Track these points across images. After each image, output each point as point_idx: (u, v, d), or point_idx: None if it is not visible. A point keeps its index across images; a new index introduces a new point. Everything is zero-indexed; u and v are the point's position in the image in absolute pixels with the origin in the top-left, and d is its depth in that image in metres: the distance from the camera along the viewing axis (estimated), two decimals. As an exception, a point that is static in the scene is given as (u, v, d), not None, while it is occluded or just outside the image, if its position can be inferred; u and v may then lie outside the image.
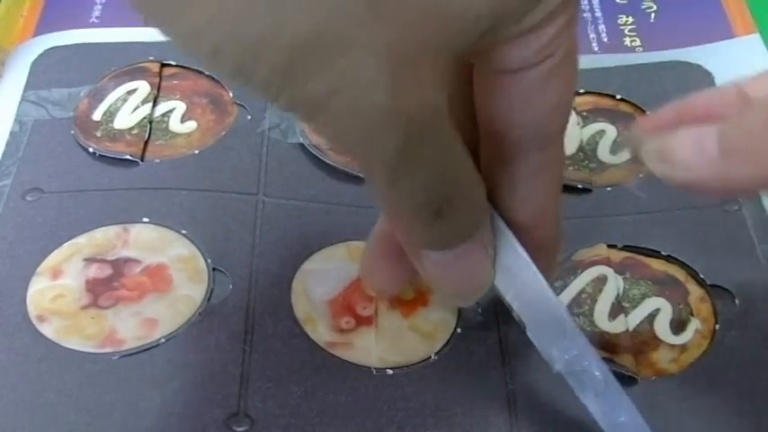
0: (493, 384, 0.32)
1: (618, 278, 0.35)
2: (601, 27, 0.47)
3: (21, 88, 0.42)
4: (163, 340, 0.33)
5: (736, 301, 0.34)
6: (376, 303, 0.34)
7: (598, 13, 0.47)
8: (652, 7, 0.48)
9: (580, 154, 0.40)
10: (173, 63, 0.43)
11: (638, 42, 0.46)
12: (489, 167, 0.27)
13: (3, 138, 0.40)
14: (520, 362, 0.32)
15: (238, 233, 0.36)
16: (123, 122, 0.40)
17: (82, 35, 0.45)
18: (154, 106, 0.41)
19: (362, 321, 0.34)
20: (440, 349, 0.33)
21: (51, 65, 0.43)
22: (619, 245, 0.36)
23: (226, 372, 0.32)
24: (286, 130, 0.40)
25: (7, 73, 0.43)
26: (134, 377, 0.32)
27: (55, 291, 0.34)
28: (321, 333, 0.33)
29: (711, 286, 0.35)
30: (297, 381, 0.32)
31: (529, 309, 0.28)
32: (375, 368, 0.32)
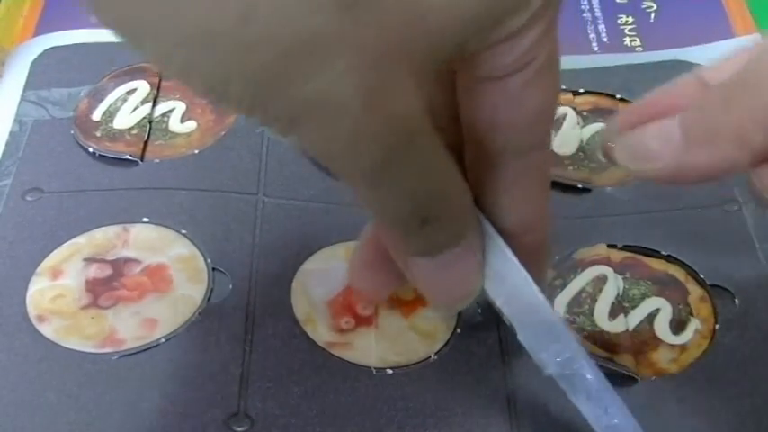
0: (493, 384, 0.32)
1: (618, 278, 0.35)
2: (601, 27, 0.47)
3: (20, 88, 0.42)
4: (163, 340, 0.33)
5: (736, 301, 0.34)
6: (376, 303, 0.34)
7: (598, 13, 0.47)
8: (652, 7, 0.48)
9: (580, 154, 0.40)
10: (173, 63, 0.43)
11: (637, 42, 0.46)
12: (475, 173, 0.26)
13: (3, 138, 0.40)
14: (520, 362, 0.32)
15: (238, 233, 0.36)
16: (123, 122, 0.40)
17: (82, 35, 0.44)
18: (153, 106, 0.41)
19: (362, 321, 0.34)
20: (440, 349, 0.33)
21: (51, 65, 0.43)
22: (619, 244, 0.36)
23: (226, 372, 0.32)
24: (286, 130, 0.40)
25: (7, 73, 0.43)
26: (134, 377, 0.32)
27: (55, 291, 0.34)
28: (321, 333, 0.33)
29: (711, 286, 0.35)
30: (297, 381, 0.32)
31: (519, 313, 0.28)
32: (375, 368, 0.32)
